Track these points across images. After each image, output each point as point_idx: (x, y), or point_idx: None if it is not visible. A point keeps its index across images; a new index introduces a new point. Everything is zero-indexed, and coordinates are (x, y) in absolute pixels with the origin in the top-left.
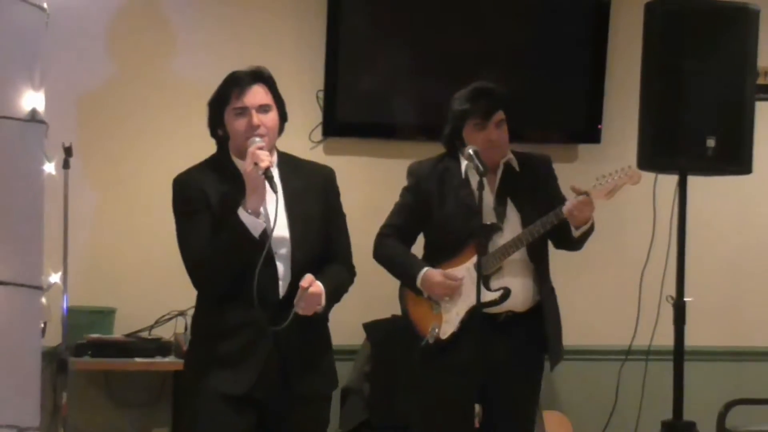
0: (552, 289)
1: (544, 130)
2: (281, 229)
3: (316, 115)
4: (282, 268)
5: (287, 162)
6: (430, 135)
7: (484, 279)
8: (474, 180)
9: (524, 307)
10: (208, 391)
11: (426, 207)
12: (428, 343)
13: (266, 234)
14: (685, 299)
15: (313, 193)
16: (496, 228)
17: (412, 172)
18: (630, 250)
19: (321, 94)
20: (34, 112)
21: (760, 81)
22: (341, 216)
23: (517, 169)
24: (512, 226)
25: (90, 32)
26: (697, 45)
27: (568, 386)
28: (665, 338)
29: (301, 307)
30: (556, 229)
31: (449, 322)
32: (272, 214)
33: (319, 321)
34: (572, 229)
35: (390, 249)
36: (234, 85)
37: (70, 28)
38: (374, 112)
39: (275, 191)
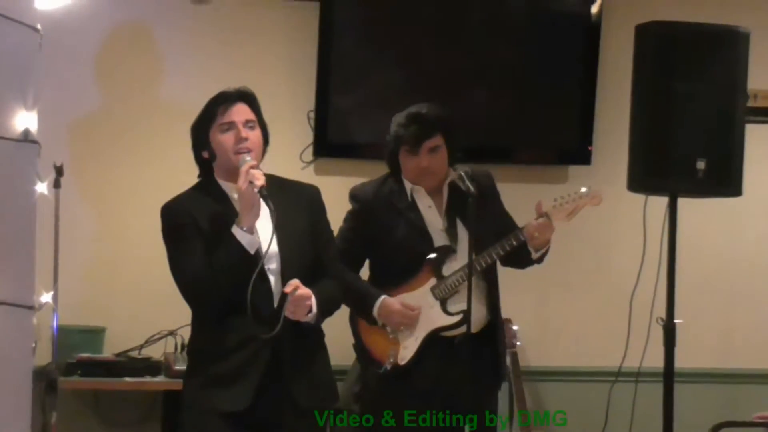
0: (499, 309)
1: (535, 150)
2: (272, 245)
3: (307, 136)
4: (273, 282)
5: (273, 182)
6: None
7: (441, 302)
8: (421, 202)
9: (478, 327)
10: (205, 409)
11: (373, 232)
12: (387, 370)
13: (259, 251)
14: (675, 321)
15: (299, 211)
16: (450, 250)
17: (355, 197)
18: (620, 272)
19: (312, 115)
20: (27, 132)
21: (750, 103)
22: (329, 232)
23: (465, 186)
24: (464, 247)
25: (82, 53)
26: (688, 67)
27: (557, 407)
28: (655, 360)
29: (290, 311)
30: (512, 249)
31: (408, 347)
32: (262, 231)
33: (316, 337)
34: (531, 251)
35: None
36: (220, 102)
37: (62, 49)
38: (365, 133)
39: (271, 209)
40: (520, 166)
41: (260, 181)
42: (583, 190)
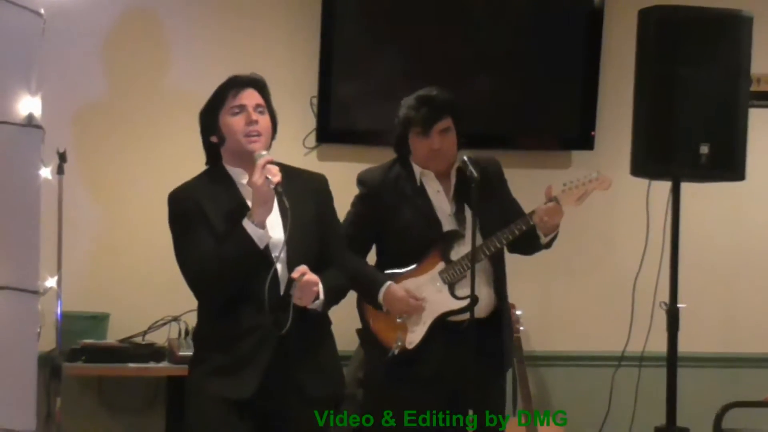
0: (507, 295)
1: (538, 136)
2: (277, 233)
3: (310, 122)
4: (280, 269)
5: (282, 171)
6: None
7: (450, 287)
8: (429, 187)
9: (485, 313)
10: (211, 397)
11: (381, 216)
12: (394, 354)
13: (269, 247)
14: (678, 305)
15: (306, 199)
16: (458, 235)
17: (363, 181)
18: (623, 257)
19: (315, 101)
20: (30, 117)
21: (754, 88)
22: (336, 221)
23: (472, 173)
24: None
25: (86, 38)
26: (691, 52)
27: (561, 392)
28: (658, 344)
29: (298, 297)
30: (518, 237)
31: (415, 331)
32: (271, 224)
33: (323, 325)
34: (540, 236)
35: None
36: (231, 86)
37: (66, 34)
38: (368, 119)
39: (286, 206)
40: (523, 151)
41: (277, 177)
42: (594, 174)
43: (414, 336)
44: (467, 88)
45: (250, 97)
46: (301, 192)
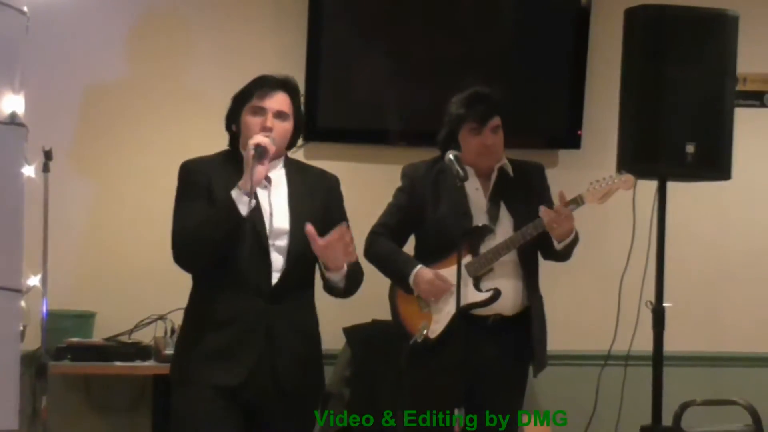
0: (540, 297)
1: (525, 135)
2: (282, 222)
3: None
4: (278, 259)
5: (295, 165)
6: (411, 141)
7: (474, 280)
8: (469, 184)
9: (513, 311)
10: (198, 384)
11: (420, 209)
12: (417, 342)
13: (255, 215)
14: (664, 305)
15: (315, 194)
16: (488, 230)
17: (406, 174)
18: (609, 256)
19: (302, 99)
20: (14, 115)
21: (740, 87)
22: (344, 220)
23: (511, 174)
24: (504, 230)
25: (70, 36)
26: (677, 51)
27: (547, 391)
28: (644, 343)
29: (332, 258)
30: (543, 239)
31: (439, 321)
32: (272, 206)
33: (311, 322)
34: (554, 242)
35: (383, 247)
36: (260, 85)
37: (51, 31)
38: (355, 118)
39: (259, 162)
40: (510, 150)
41: (256, 139)
42: (620, 174)
43: (437, 326)
44: (454, 88)
45: (274, 101)
46: (311, 186)
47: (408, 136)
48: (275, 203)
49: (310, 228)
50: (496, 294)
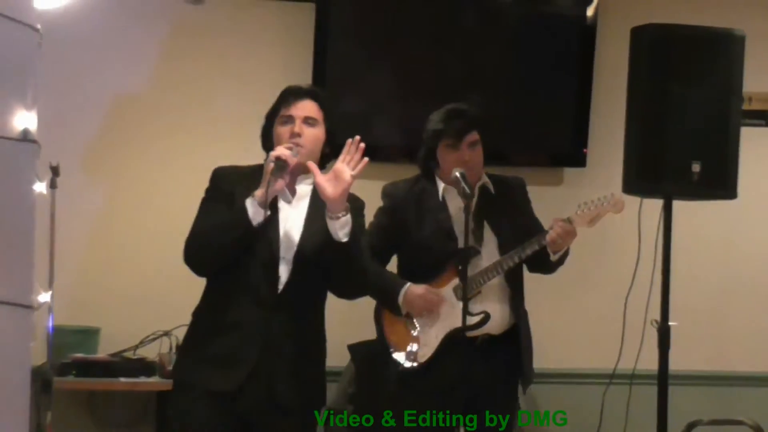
0: (526, 313)
1: (530, 153)
2: (294, 236)
3: None
4: (284, 269)
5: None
6: (413, 157)
7: (463, 303)
8: (452, 203)
9: (500, 330)
10: (196, 386)
11: (402, 229)
12: (405, 368)
13: (270, 226)
14: (669, 323)
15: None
16: (474, 251)
17: (387, 194)
18: (615, 274)
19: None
20: (26, 131)
21: (746, 106)
22: (361, 237)
23: (493, 191)
24: (490, 250)
25: (81, 53)
26: (683, 70)
27: (552, 409)
28: (649, 362)
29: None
30: (534, 254)
31: (427, 344)
32: (288, 219)
33: (317, 338)
34: (550, 253)
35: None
36: (286, 96)
37: (61, 48)
38: (360, 135)
39: (279, 176)
40: (516, 168)
41: (277, 152)
42: (609, 195)
43: (426, 350)
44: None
45: (301, 109)
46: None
47: (411, 153)
48: (292, 217)
49: (311, 164)
50: (486, 317)
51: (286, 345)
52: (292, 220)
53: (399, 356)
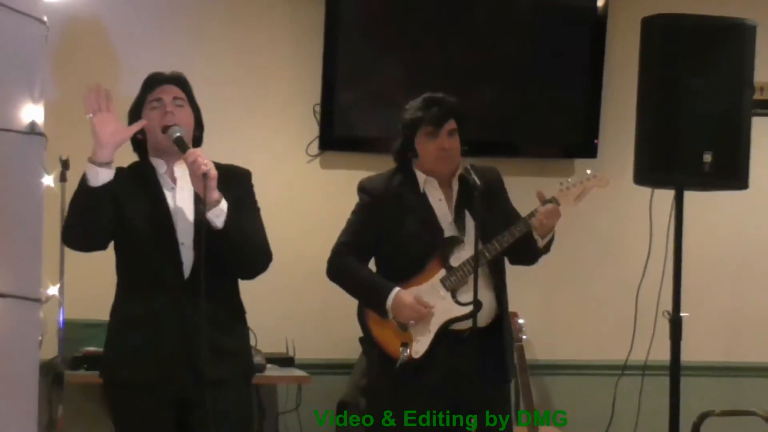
0: (507, 303)
1: (541, 144)
2: (188, 217)
3: (313, 129)
4: (186, 254)
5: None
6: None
7: (452, 293)
8: (432, 194)
9: (486, 321)
10: (122, 382)
11: (383, 224)
12: (401, 365)
13: (163, 213)
14: (681, 314)
15: (225, 188)
16: (457, 241)
17: (365, 189)
18: (626, 265)
19: (318, 109)
20: (33, 124)
21: (757, 96)
22: (253, 209)
23: (474, 181)
24: (472, 239)
25: (89, 45)
26: (694, 60)
27: (564, 401)
28: (661, 353)
29: (192, 161)
30: (517, 242)
31: (420, 340)
32: (177, 204)
33: (228, 297)
34: (537, 239)
35: (349, 267)
36: (149, 84)
37: (69, 41)
38: (371, 127)
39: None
40: (526, 159)
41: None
42: (588, 172)
43: (420, 345)
44: (470, 96)
45: (168, 92)
46: (222, 182)
47: None
48: (180, 201)
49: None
50: (478, 306)
51: (203, 325)
52: (182, 203)
53: (392, 354)
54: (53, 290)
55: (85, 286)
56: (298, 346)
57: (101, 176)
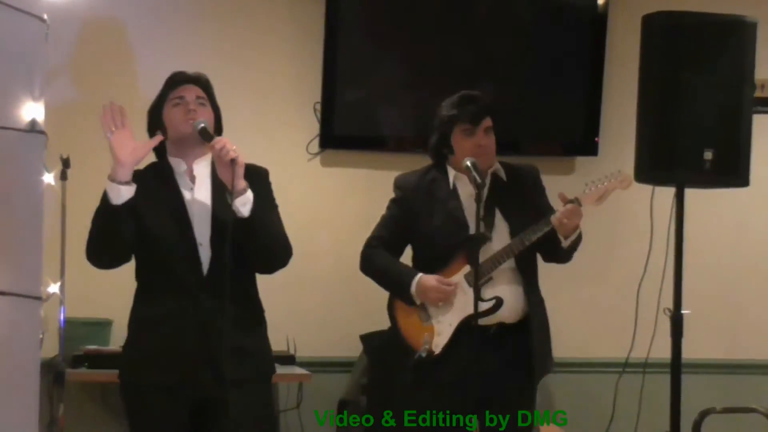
0: (541, 301)
1: (542, 142)
2: (205, 217)
3: (314, 128)
4: (204, 254)
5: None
6: (424, 148)
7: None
8: (463, 191)
9: (514, 318)
10: (140, 384)
11: (414, 220)
12: (421, 357)
13: (180, 212)
14: (682, 312)
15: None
16: (485, 238)
17: (398, 185)
18: (627, 263)
19: (318, 107)
20: (33, 122)
21: (758, 93)
22: (271, 207)
23: (505, 179)
24: (501, 236)
25: (90, 43)
26: (695, 57)
27: (565, 399)
28: (662, 351)
29: (219, 148)
30: (545, 240)
31: (441, 334)
32: (196, 208)
33: (248, 296)
34: (561, 239)
35: (379, 260)
36: (171, 83)
37: (70, 39)
38: (371, 125)
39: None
40: (527, 157)
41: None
42: (615, 173)
43: (440, 339)
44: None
45: (190, 91)
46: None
47: (423, 144)
48: (198, 200)
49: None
50: (499, 302)
51: (222, 325)
52: (199, 203)
53: (414, 346)
54: (54, 288)
55: (86, 284)
56: (299, 344)
57: (123, 194)
